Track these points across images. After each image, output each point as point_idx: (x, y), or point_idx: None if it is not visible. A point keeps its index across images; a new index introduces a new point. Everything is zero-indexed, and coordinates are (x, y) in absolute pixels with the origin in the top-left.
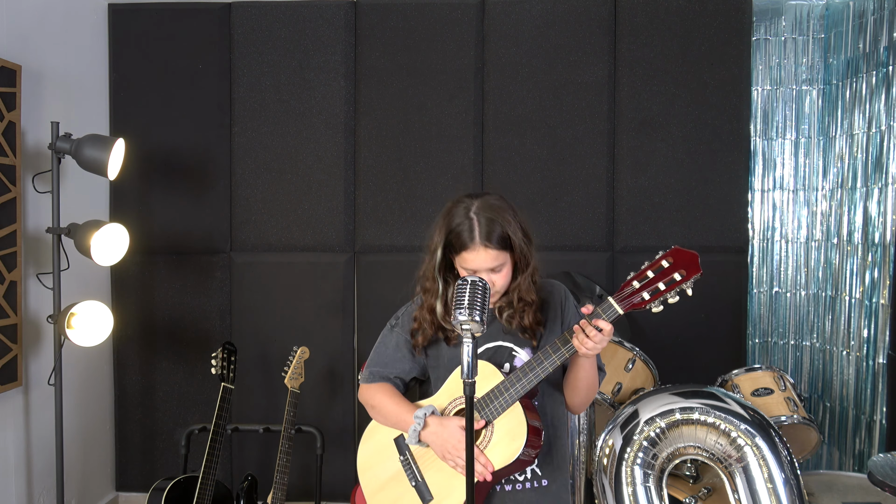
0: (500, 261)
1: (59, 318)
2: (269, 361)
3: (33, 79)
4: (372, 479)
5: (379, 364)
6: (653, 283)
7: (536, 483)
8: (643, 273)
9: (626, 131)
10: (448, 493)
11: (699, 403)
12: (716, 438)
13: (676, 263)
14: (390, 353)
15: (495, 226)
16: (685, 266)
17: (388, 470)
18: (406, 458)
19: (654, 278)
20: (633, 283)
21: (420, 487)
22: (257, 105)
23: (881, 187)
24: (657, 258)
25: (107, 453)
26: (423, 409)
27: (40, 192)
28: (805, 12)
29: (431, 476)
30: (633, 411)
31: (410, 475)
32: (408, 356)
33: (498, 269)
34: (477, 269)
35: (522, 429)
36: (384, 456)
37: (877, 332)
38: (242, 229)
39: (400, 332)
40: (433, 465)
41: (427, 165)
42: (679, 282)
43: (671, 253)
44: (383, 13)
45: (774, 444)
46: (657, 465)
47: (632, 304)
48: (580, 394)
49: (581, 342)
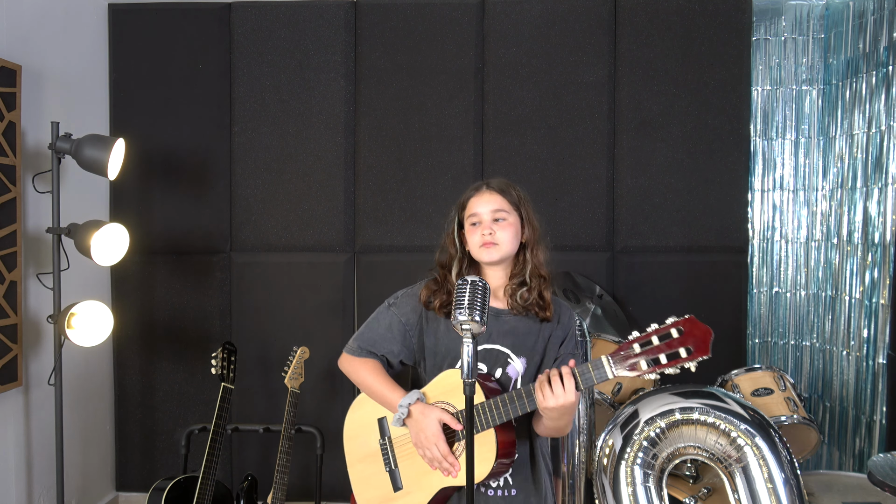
0: (504, 207)
1: (59, 318)
2: (269, 361)
3: (33, 79)
4: (354, 448)
5: (368, 340)
6: (654, 353)
7: (507, 492)
8: (647, 337)
9: (626, 131)
10: (418, 487)
11: (699, 403)
12: (716, 438)
13: (686, 337)
14: (382, 332)
15: (507, 185)
16: (694, 343)
17: (368, 446)
18: (385, 443)
19: (657, 347)
20: (634, 346)
21: (393, 474)
22: (257, 105)
23: (881, 187)
24: (668, 324)
25: (107, 453)
26: (408, 396)
27: (40, 192)
28: (805, 12)
29: (406, 467)
30: (633, 411)
31: (386, 460)
32: (398, 339)
33: (502, 218)
34: (480, 213)
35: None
36: (367, 431)
37: (877, 332)
38: (242, 229)
39: (396, 312)
40: (409, 456)
41: (427, 165)
42: (683, 360)
43: (684, 322)
44: (383, 13)
45: (774, 444)
46: (657, 465)
47: (626, 370)
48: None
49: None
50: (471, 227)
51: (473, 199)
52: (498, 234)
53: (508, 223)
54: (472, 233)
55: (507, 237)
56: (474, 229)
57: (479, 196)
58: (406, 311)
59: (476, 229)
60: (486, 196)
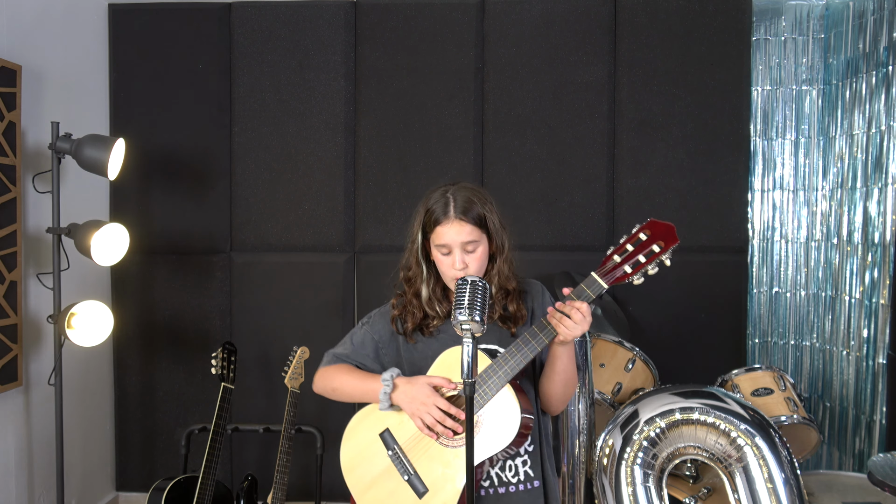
0: (473, 237)
1: (59, 318)
2: (269, 361)
3: (33, 79)
4: (359, 479)
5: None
6: (633, 257)
7: (529, 485)
8: (622, 247)
9: (626, 131)
10: (443, 483)
11: (699, 403)
12: (716, 438)
13: (654, 235)
14: (355, 347)
15: (471, 204)
16: (663, 237)
17: (376, 467)
18: (395, 453)
19: (634, 251)
20: (615, 257)
21: (413, 480)
22: (257, 105)
23: (881, 187)
24: (634, 231)
25: (107, 453)
26: (388, 371)
27: (40, 192)
28: (805, 12)
29: (423, 467)
30: (633, 411)
31: (402, 469)
32: (370, 355)
33: (472, 248)
34: (450, 244)
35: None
36: (370, 453)
37: (877, 332)
38: (242, 229)
39: (369, 329)
40: (424, 455)
41: (427, 165)
42: (658, 253)
43: (648, 225)
44: (383, 13)
45: (774, 444)
46: (657, 465)
47: (615, 277)
48: (557, 388)
49: (559, 321)
50: (441, 256)
51: (441, 229)
52: (470, 266)
53: (478, 253)
54: (442, 262)
55: (477, 265)
56: (445, 258)
57: (448, 225)
58: (378, 328)
59: (447, 259)
60: (456, 227)
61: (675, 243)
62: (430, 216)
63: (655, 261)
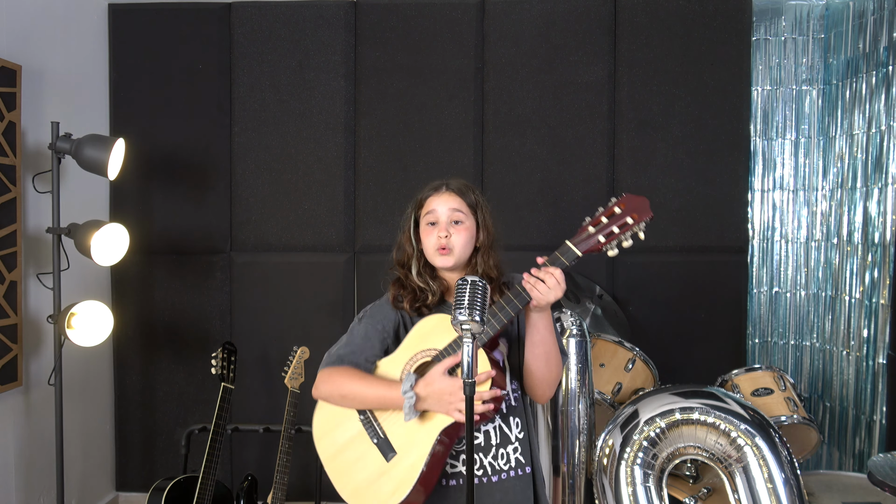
0: (462, 210)
1: (59, 318)
2: (269, 361)
3: (33, 79)
4: (329, 444)
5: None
6: (607, 227)
7: (521, 471)
8: (598, 219)
9: (626, 131)
10: (411, 446)
11: (699, 403)
12: (716, 438)
13: (628, 209)
14: (359, 343)
15: (466, 187)
16: (636, 210)
17: (347, 431)
18: (366, 417)
19: (608, 223)
20: (589, 228)
21: (382, 444)
22: (257, 105)
23: (881, 187)
24: (610, 205)
25: (107, 453)
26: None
27: (40, 192)
28: (805, 12)
29: (394, 431)
30: (633, 411)
31: (371, 432)
32: (377, 345)
33: (459, 223)
34: (438, 211)
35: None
36: (343, 418)
37: (877, 332)
38: (242, 229)
39: (369, 321)
40: (395, 419)
41: (427, 165)
42: (631, 225)
43: (623, 200)
44: (383, 13)
45: (774, 444)
46: (657, 465)
47: (588, 246)
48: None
49: (534, 285)
50: (428, 226)
51: (432, 198)
52: (453, 238)
53: (465, 227)
54: (429, 233)
55: (461, 241)
56: (431, 230)
57: (438, 196)
58: (379, 318)
59: (432, 230)
60: (445, 196)
61: (648, 216)
62: (424, 194)
63: (629, 232)
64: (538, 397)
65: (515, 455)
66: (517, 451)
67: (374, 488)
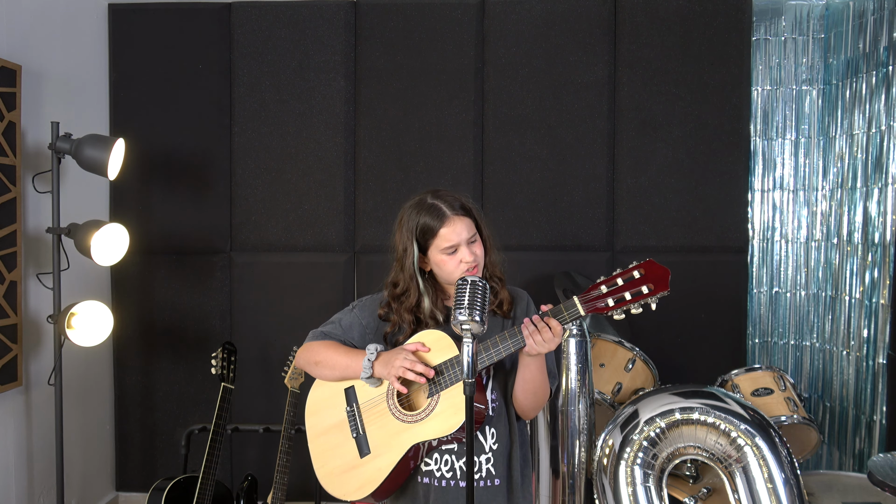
0: (473, 229)
1: (59, 318)
2: (269, 361)
3: (33, 79)
4: (317, 422)
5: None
6: (620, 292)
7: (490, 482)
8: (613, 279)
9: (626, 131)
10: (386, 449)
11: (699, 403)
12: (716, 438)
13: (647, 276)
14: (344, 330)
15: (456, 199)
16: (654, 281)
17: (333, 417)
18: (353, 410)
19: (622, 287)
20: (602, 287)
21: (360, 440)
22: (257, 105)
23: (881, 187)
24: (630, 267)
25: (107, 453)
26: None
27: (40, 192)
28: (805, 12)
29: (374, 431)
30: (633, 411)
31: (353, 427)
32: (356, 337)
33: (474, 240)
34: (458, 242)
35: None
36: (332, 403)
37: (877, 332)
38: (242, 229)
39: (358, 314)
40: (378, 420)
41: (427, 165)
42: (645, 295)
43: (644, 265)
44: (383, 13)
45: (774, 444)
46: (657, 465)
47: (595, 307)
48: (525, 396)
49: (530, 333)
50: (446, 257)
51: (446, 230)
52: (478, 255)
53: (479, 240)
54: (449, 260)
55: (482, 254)
56: (451, 257)
57: (452, 225)
58: (366, 314)
59: (453, 256)
60: (459, 224)
61: (664, 290)
62: (426, 227)
63: (640, 302)
64: (522, 416)
65: (487, 465)
66: (489, 461)
67: (344, 479)
